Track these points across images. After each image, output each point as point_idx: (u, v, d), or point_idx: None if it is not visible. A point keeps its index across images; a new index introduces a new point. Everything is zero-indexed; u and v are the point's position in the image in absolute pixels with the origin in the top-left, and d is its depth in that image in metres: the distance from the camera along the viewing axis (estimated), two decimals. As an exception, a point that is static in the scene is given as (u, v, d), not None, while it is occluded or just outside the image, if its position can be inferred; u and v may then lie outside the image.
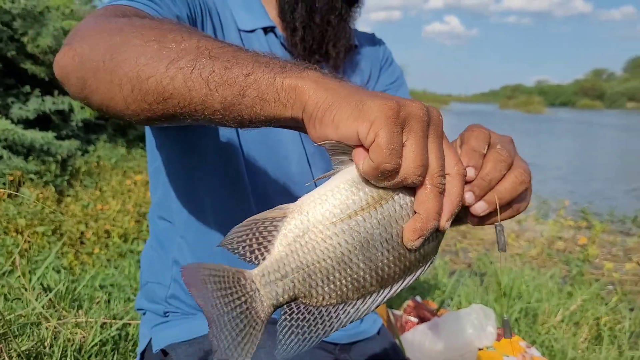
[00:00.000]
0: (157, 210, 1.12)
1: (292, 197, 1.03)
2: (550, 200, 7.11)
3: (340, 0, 1.06)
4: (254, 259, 0.54)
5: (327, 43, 1.07)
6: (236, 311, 0.55)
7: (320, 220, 0.51)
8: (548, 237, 5.14)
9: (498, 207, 0.60)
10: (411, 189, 0.51)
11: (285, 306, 0.55)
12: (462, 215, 0.60)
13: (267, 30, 1.07)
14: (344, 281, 0.52)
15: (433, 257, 0.56)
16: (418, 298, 2.44)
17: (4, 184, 4.64)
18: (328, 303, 0.54)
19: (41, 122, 5.79)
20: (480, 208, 0.59)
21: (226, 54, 0.56)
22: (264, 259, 0.53)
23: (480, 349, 1.84)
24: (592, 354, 2.15)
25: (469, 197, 0.59)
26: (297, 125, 0.55)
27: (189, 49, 0.57)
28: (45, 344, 1.51)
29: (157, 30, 0.60)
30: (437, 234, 0.53)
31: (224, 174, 1.01)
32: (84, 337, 1.62)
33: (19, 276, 2.05)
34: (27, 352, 1.37)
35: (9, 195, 4.47)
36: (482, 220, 0.62)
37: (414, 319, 2.01)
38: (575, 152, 15.89)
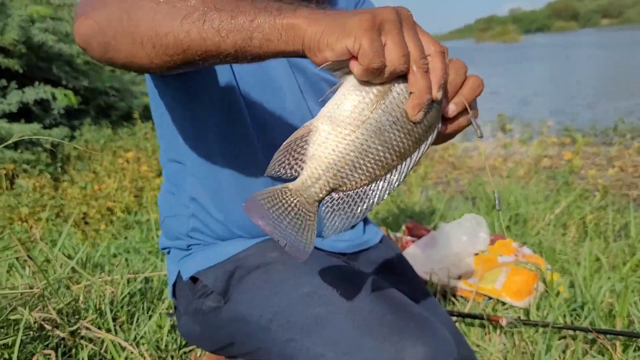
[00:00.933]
0: (167, 153, 1.23)
1: (289, 127, 1.15)
2: (533, 122, 7.25)
3: None
4: (294, 173, 0.67)
5: None
6: (291, 214, 0.69)
7: (337, 124, 0.64)
8: (534, 156, 5.29)
9: (468, 105, 0.71)
10: (403, 78, 0.63)
11: (326, 197, 0.68)
12: (439, 130, 0.72)
13: None
14: (369, 164, 0.65)
15: (437, 125, 0.68)
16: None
17: (-1, 178, 4.70)
18: (362, 184, 0.67)
19: (22, 114, 5.80)
20: (451, 110, 0.71)
21: (229, 4, 0.67)
22: (302, 170, 0.66)
23: (476, 254, 2.00)
24: (580, 248, 2.31)
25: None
26: (299, 55, 0.66)
27: (196, 5, 0.67)
28: (80, 301, 1.64)
29: None
30: (434, 104, 0.65)
31: (225, 112, 1.12)
32: (113, 292, 1.75)
33: (41, 249, 2.17)
34: (67, 304, 1.50)
35: (6, 188, 4.56)
36: (453, 120, 0.73)
37: (412, 238, 2.16)
38: (553, 74, 15.99)
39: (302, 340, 0.98)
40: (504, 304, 1.76)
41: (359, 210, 0.67)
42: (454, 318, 1.63)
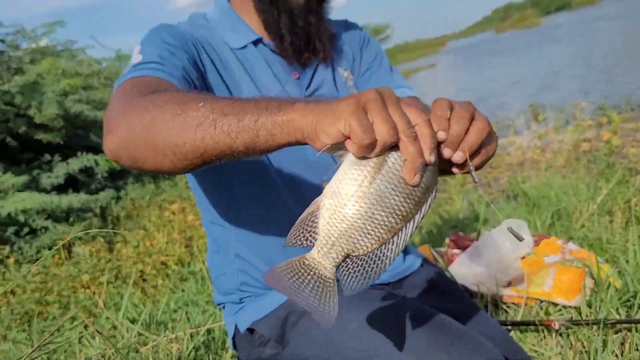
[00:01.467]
0: (207, 217, 1.32)
1: (313, 177, 1.22)
2: (566, 107, 7.12)
3: (314, 1, 1.23)
4: (309, 243, 0.74)
5: (313, 41, 1.25)
6: (312, 282, 0.75)
7: (342, 198, 0.71)
8: (571, 142, 5.21)
9: (467, 155, 0.75)
10: (396, 147, 0.69)
11: (342, 263, 0.74)
12: (447, 168, 0.78)
13: (256, 42, 1.24)
14: (376, 230, 0.71)
15: (435, 186, 0.74)
16: (461, 233, 2.61)
17: (57, 249, 4.92)
18: (373, 248, 0.73)
19: (69, 184, 6.08)
20: (458, 157, 0.76)
21: (235, 108, 0.74)
22: (316, 240, 0.73)
23: (522, 258, 2.01)
24: (630, 235, 2.28)
25: (447, 152, 0.75)
26: (301, 144, 0.74)
27: (206, 113, 0.75)
28: (149, 362, 1.74)
29: (176, 105, 0.78)
30: (429, 167, 0.71)
31: (252, 175, 1.21)
32: (179, 349, 1.84)
33: (107, 317, 2.29)
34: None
35: (65, 258, 4.78)
36: (462, 166, 0.78)
37: (457, 251, 2.18)
38: (578, 52, 15.65)
39: None
40: (556, 304, 1.76)
41: (373, 272, 0.73)
42: (508, 327, 1.65)
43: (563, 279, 1.75)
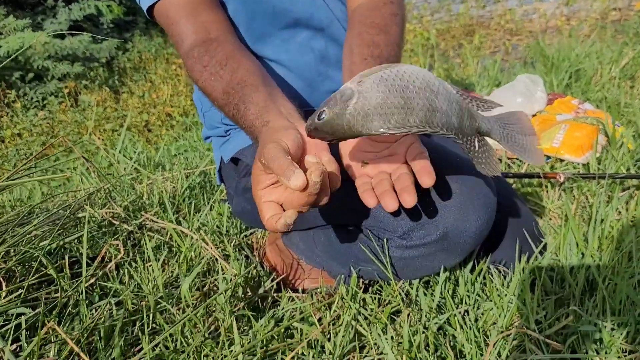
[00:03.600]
0: None
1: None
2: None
3: None
4: None
5: None
6: None
7: None
8: (600, 10, 4.89)
9: None
10: None
11: None
12: None
13: None
14: None
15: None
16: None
17: (63, 97, 4.87)
18: None
19: (73, 32, 5.89)
20: None
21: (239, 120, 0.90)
22: None
23: (533, 115, 1.92)
24: (651, 101, 2.16)
25: None
26: None
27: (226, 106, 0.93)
28: (144, 198, 1.72)
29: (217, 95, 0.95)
30: None
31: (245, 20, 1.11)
32: (174, 187, 1.83)
33: (103, 156, 2.27)
34: (132, 202, 1.59)
35: (71, 105, 4.74)
36: None
37: (466, 106, 2.08)
38: None
39: None
40: (563, 161, 1.69)
41: None
42: (510, 180, 1.60)
43: (575, 135, 1.66)
